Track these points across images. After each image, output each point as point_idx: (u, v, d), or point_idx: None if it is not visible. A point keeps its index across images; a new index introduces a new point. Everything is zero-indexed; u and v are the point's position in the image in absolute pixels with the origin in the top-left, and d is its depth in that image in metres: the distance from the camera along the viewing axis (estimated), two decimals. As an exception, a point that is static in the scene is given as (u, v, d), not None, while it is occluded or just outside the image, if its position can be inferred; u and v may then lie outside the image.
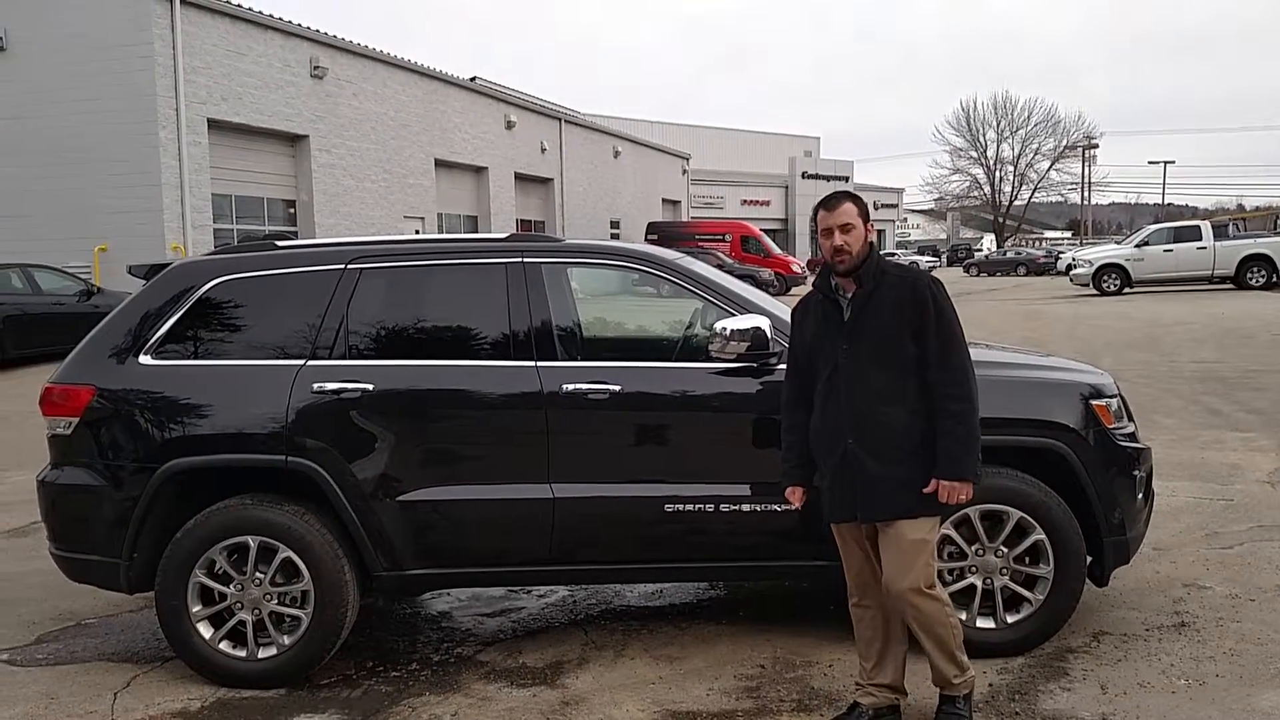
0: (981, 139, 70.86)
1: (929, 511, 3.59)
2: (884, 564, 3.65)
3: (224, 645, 4.32)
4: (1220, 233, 27.88)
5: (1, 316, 15.68)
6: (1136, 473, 4.52)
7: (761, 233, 42.68)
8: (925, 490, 3.55)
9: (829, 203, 3.70)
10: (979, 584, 4.32)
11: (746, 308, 4.50)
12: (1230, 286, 26.93)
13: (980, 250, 68.48)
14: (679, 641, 4.70)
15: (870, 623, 3.80)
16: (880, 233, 77.59)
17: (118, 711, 4.17)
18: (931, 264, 58.19)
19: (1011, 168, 71.11)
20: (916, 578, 3.58)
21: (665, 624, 4.95)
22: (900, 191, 79.53)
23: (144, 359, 4.46)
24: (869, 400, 3.59)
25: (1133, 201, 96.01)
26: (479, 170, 32.35)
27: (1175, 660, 4.30)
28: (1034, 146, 70.29)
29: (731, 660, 4.46)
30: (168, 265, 4.74)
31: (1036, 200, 74.76)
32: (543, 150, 35.92)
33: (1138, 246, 28.49)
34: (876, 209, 74.80)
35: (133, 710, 4.17)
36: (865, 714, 3.77)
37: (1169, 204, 76.12)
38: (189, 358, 4.48)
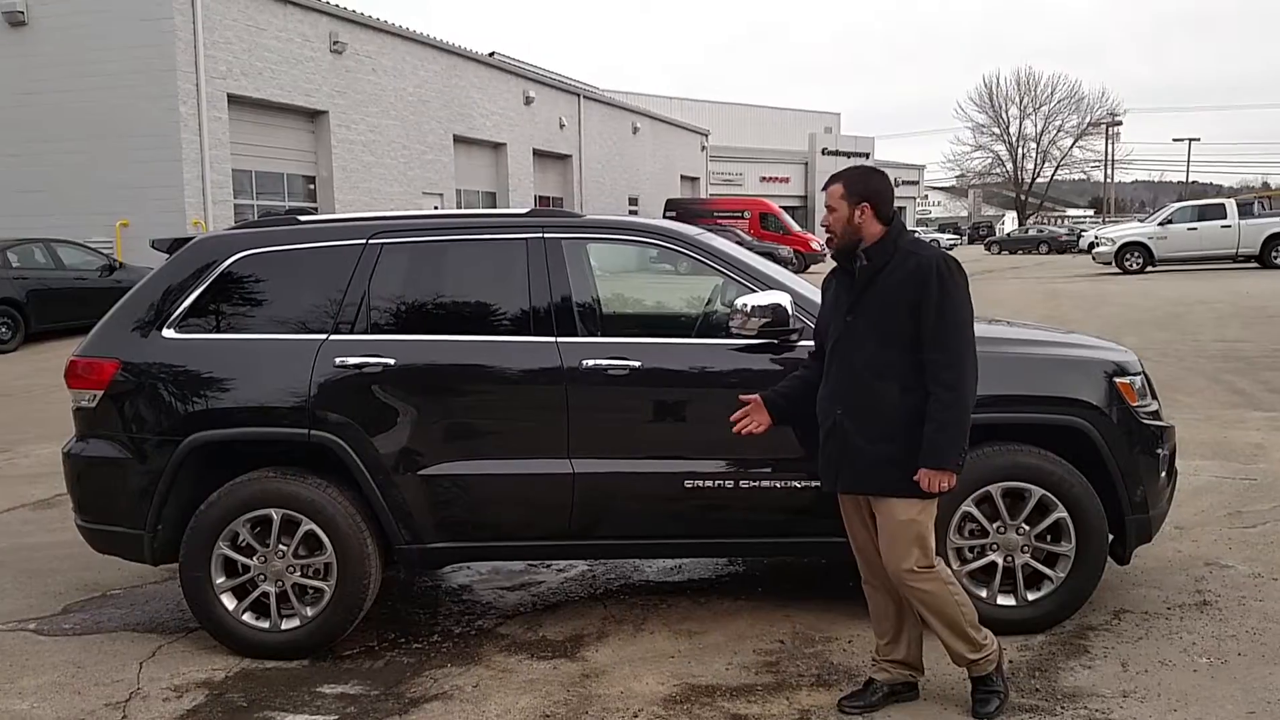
0: (1004, 115, 70.27)
1: (916, 494, 3.53)
2: (879, 543, 3.65)
3: (247, 616, 4.36)
4: (1245, 211, 27.52)
5: (25, 291, 15.82)
6: (1160, 451, 4.50)
7: (781, 210, 42.45)
8: (914, 476, 3.50)
9: (826, 183, 3.76)
10: (1000, 561, 4.31)
11: (767, 284, 4.48)
12: (1255, 265, 26.66)
13: (1003, 227, 67.99)
14: (698, 616, 4.72)
15: (880, 600, 3.79)
16: (901, 209, 77.07)
17: (143, 681, 4.22)
18: (953, 241, 57.81)
19: (1034, 145, 70.53)
20: (908, 558, 3.56)
21: (684, 599, 4.96)
22: (921, 168, 79.00)
23: (167, 333, 4.49)
24: (861, 373, 3.59)
25: (1156, 179, 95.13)
26: (497, 146, 32.28)
27: (1197, 639, 4.28)
28: (1057, 123, 69.69)
29: (750, 635, 4.47)
30: (191, 239, 4.76)
31: (1059, 178, 74.14)
32: (561, 126, 35.80)
33: (1161, 225, 28.22)
34: (898, 185, 74.43)
35: (158, 680, 4.22)
36: (880, 690, 3.77)
37: (1193, 182, 75.27)
38: (212, 331, 4.51)
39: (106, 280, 16.39)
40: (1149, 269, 27.42)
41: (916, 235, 3.79)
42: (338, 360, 4.35)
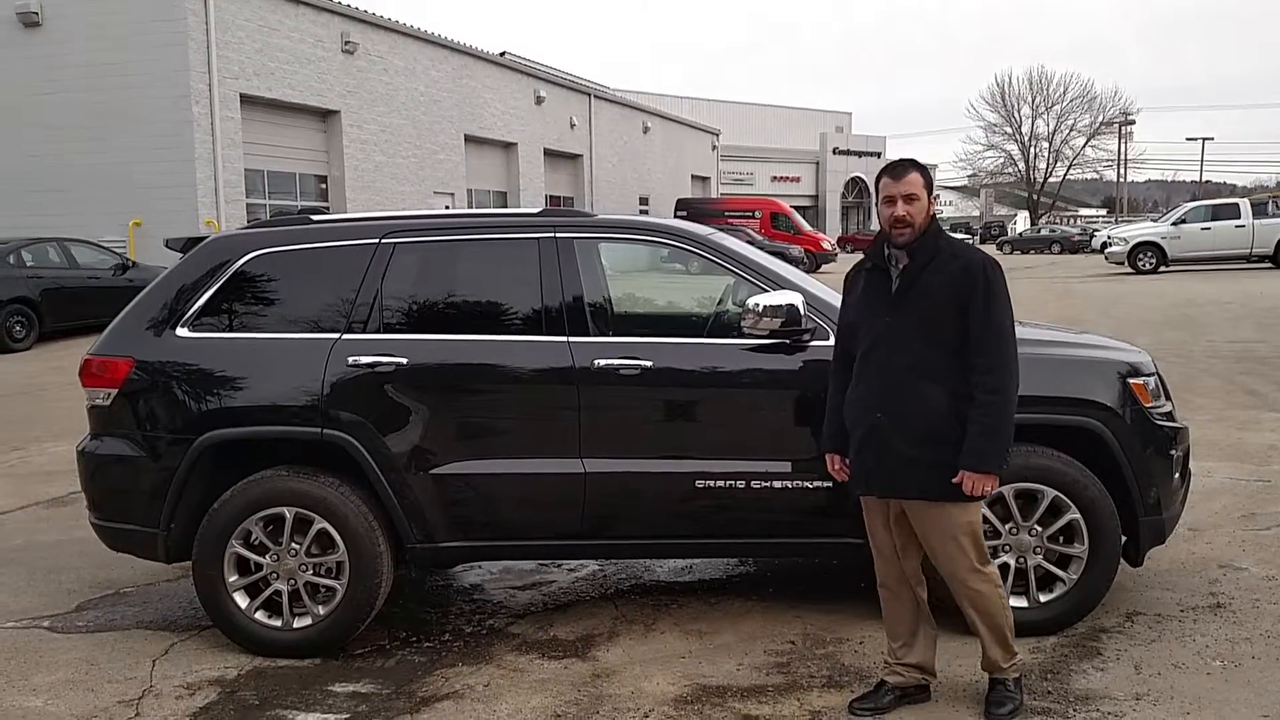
0: (1016, 115, 70.07)
1: (963, 497, 3.50)
2: (933, 548, 3.60)
3: (260, 615, 4.38)
4: (1259, 211, 27.36)
5: (39, 290, 15.91)
6: (1173, 452, 4.47)
7: (792, 209, 42.41)
8: (954, 479, 3.48)
9: (895, 170, 3.59)
10: (1012, 563, 4.30)
11: (780, 284, 4.48)
12: (1269, 265, 26.51)
13: (1015, 226, 67.74)
14: (709, 617, 4.72)
15: (895, 603, 3.78)
16: (912, 210, 76.79)
17: (156, 678, 4.24)
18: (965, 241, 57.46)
19: (1046, 144, 70.30)
20: (968, 558, 3.54)
21: (695, 599, 4.96)
22: (933, 168, 78.75)
23: (181, 331, 4.51)
24: (905, 375, 3.51)
25: (1169, 179, 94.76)
26: (508, 146, 32.34)
27: (1210, 641, 4.26)
28: (1069, 123, 69.47)
29: (761, 636, 4.47)
30: (204, 239, 4.78)
31: (1071, 177, 73.85)
32: (572, 126, 35.83)
33: (1174, 224, 28.11)
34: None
35: (171, 677, 4.24)
36: (892, 693, 3.75)
37: (1206, 181, 74.86)
38: (225, 330, 4.52)
39: (120, 279, 16.47)
40: (1162, 269, 27.31)
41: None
42: (350, 359, 4.37)
